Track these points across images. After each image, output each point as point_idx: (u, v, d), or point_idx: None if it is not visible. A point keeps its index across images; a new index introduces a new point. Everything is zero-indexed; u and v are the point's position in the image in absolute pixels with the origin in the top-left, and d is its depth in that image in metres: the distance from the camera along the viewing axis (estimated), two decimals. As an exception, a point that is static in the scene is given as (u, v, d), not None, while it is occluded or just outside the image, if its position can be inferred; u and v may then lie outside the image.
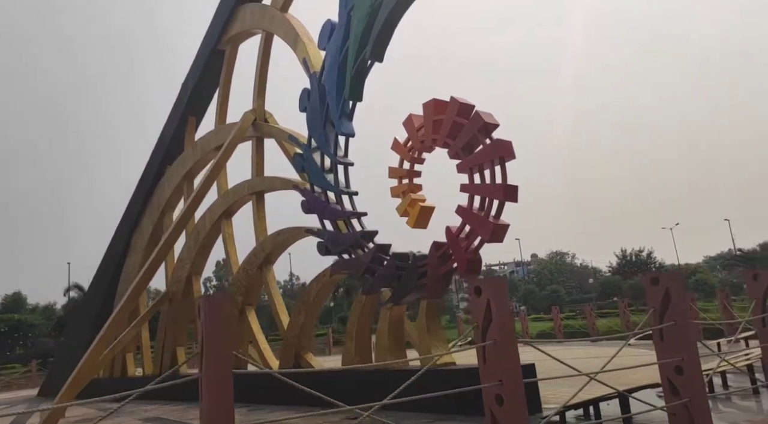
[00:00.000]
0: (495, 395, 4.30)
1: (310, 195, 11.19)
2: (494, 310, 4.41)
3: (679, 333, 5.11)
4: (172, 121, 16.59)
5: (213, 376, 3.29)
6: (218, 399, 3.23)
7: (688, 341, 5.07)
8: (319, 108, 11.14)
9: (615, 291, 60.97)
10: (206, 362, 3.36)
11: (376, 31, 9.90)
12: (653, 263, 65.75)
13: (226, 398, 3.27)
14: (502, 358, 4.34)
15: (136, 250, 17.99)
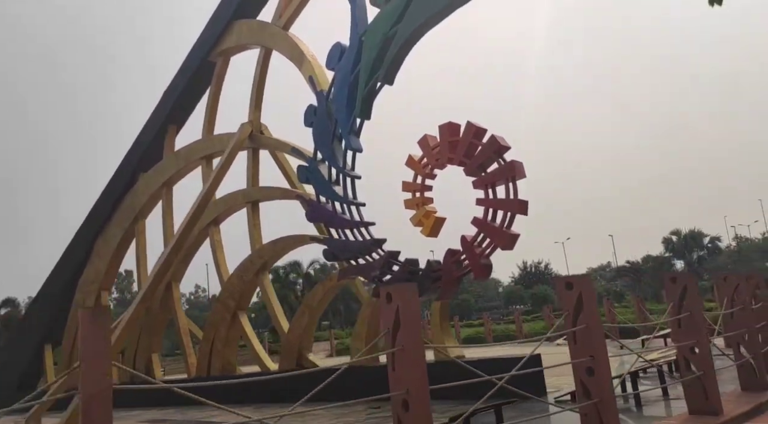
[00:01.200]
0: (402, 401, 4.30)
1: (316, 205, 11.84)
2: (402, 317, 4.40)
3: (590, 335, 5.17)
4: (150, 129, 16.61)
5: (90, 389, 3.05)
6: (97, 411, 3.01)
7: (598, 342, 5.13)
8: (326, 124, 11.83)
9: (518, 299, 64.69)
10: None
11: (390, 58, 10.79)
12: (549, 274, 70.22)
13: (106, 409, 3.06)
14: (409, 364, 4.30)
15: (101, 256, 17.67)
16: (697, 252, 69.60)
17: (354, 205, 11.26)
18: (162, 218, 16.09)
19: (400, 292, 4.56)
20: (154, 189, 16.31)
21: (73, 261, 18.84)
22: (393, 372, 4.40)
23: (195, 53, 15.34)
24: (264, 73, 13.90)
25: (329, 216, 11.68)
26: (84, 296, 17.98)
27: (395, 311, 4.46)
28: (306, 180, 12.20)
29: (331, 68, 12.07)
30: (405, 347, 4.36)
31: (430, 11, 10.42)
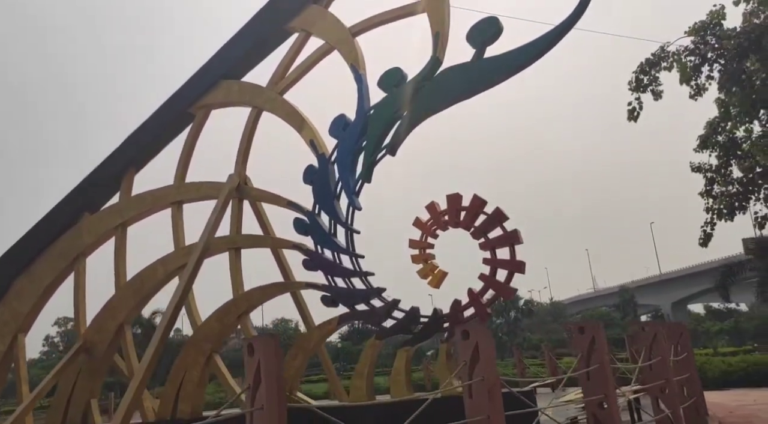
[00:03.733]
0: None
1: (316, 255, 12.69)
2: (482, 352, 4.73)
3: (603, 375, 5.70)
4: (106, 170, 15.91)
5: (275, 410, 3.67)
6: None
7: (609, 380, 5.69)
8: (328, 184, 12.92)
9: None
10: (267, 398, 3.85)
11: (396, 136, 12.43)
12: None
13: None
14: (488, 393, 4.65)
15: (22, 297, 16.05)
16: (513, 312, 78.02)
17: (357, 256, 12.31)
18: (114, 259, 15.37)
19: (478, 330, 4.91)
20: (106, 229, 15.51)
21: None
22: (470, 400, 4.67)
23: (173, 104, 15.41)
24: (253, 131, 14.62)
25: (330, 265, 12.55)
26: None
27: (474, 347, 4.76)
28: (305, 232, 12.95)
29: (333, 135, 13.23)
30: (486, 377, 4.67)
31: (435, 103, 12.31)
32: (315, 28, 14.01)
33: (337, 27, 13.65)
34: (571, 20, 11.31)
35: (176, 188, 15.09)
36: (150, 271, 14.65)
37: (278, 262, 14.67)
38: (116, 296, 14.90)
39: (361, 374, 11.71)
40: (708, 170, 18.44)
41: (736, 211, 17.51)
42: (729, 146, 17.60)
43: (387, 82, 12.66)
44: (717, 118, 17.82)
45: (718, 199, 17.64)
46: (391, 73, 12.65)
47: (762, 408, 13.13)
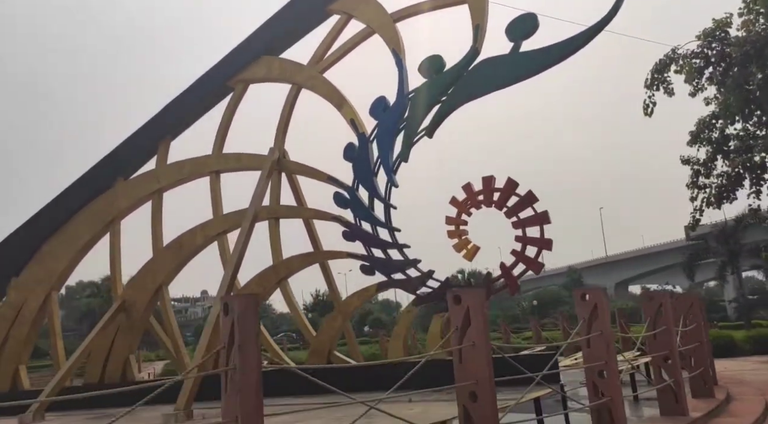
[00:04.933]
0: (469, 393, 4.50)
1: (355, 227, 13.41)
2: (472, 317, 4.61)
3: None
4: (142, 138, 16.20)
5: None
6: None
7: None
8: (368, 161, 13.57)
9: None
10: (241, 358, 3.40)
11: (435, 120, 13.13)
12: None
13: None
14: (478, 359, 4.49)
15: (56, 256, 16.38)
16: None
17: (394, 229, 13.09)
18: (151, 223, 15.83)
19: (470, 295, 4.74)
20: (143, 195, 15.89)
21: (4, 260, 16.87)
22: (460, 365, 4.53)
23: (213, 76, 15.71)
24: (292, 107, 15.08)
25: (368, 237, 13.31)
26: (25, 297, 16.33)
27: (465, 312, 4.61)
28: (344, 206, 13.62)
29: (373, 116, 13.82)
30: (476, 343, 4.52)
31: (474, 91, 13.02)
32: (357, 11, 14.45)
33: (379, 12, 14.14)
34: (605, 20, 12.10)
35: (215, 158, 15.52)
36: (189, 236, 15.18)
37: (309, 233, 15.31)
38: (155, 259, 15.40)
39: (398, 336, 12.64)
40: (695, 164, 19.76)
41: (724, 200, 18.92)
42: (721, 142, 18.86)
43: (427, 69, 13.29)
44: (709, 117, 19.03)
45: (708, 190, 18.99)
46: (431, 61, 13.27)
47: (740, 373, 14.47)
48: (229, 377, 3.33)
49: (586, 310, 5.87)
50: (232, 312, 3.40)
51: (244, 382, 3.25)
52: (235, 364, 3.29)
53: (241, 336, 3.32)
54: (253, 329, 3.42)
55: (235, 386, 3.25)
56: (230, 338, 3.40)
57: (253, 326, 3.44)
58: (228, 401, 3.31)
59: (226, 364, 3.43)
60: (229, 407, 3.29)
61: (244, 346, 3.31)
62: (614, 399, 5.59)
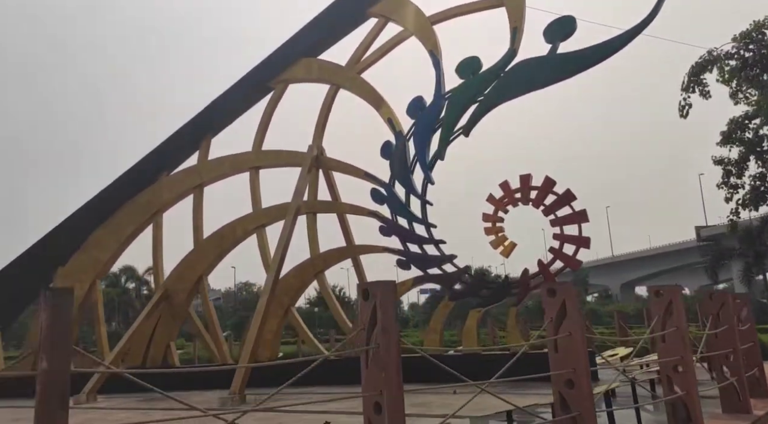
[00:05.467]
0: (566, 380, 4.53)
1: (391, 222, 13.65)
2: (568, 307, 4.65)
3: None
4: (184, 135, 16.69)
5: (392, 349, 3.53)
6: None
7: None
8: (404, 159, 13.79)
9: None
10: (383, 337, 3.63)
11: (472, 119, 13.30)
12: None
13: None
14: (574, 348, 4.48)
15: (102, 246, 16.92)
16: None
17: (430, 225, 13.29)
18: (192, 216, 16.30)
19: (565, 288, 4.85)
20: (185, 189, 16.36)
21: (51, 249, 17.44)
22: (556, 354, 4.62)
23: (254, 77, 16.13)
24: (330, 106, 15.36)
25: (404, 233, 13.53)
26: (71, 284, 16.86)
27: (561, 304, 4.69)
28: (381, 202, 13.86)
29: (410, 115, 14.06)
30: (572, 333, 4.60)
31: (512, 91, 13.18)
32: (396, 14, 14.75)
33: (417, 15, 14.40)
34: (644, 23, 12.20)
35: (255, 154, 15.92)
36: (229, 229, 15.61)
37: (342, 228, 15.61)
38: (196, 250, 15.85)
39: (435, 330, 12.85)
40: (728, 164, 19.68)
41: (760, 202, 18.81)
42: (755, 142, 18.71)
43: (465, 70, 13.50)
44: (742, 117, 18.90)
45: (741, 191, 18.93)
46: (469, 62, 13.48)
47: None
48: (371, 355, 3.64)
49: (660, 307, 5.95)
50: (374, 297, 3.71)
51: (387, 360, 3.56)
52: (377, 343, 3.61)
53: (384, 319, 3.64)
54: (394, 313, 3.77)
55: (379, 364, 3.59)
56: (371, 320, 3.69)
57: (393, 309, 3.78)
58: (369, 376, 3.64)
59: (366, 344, 3.73)
60: (371, 382, 3.63)
61: (387, 327, 3.62)
62: (690, 393, 5.69)
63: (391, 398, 3.53)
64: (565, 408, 4.47)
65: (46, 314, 3.02)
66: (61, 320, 3.00)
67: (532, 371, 4.62)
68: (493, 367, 4.53)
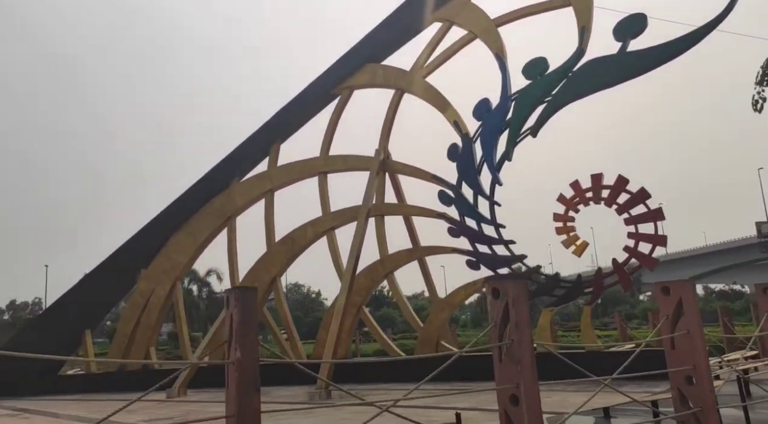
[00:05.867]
0: (686, 377, 4.61)
1: (460, 223, 13.85)
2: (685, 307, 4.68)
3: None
4: (255, 143, 17.39)
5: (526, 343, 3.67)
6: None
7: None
8: (471, 161, 13.96)
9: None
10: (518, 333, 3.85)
11: (540, 119, 13.34)
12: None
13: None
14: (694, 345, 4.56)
15: (180, 249, 17.82)
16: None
17: (500, 226, 13.43)
18: (264, 220, 16.93)
19: (680, 286, 4.83)
20: (256, 194, 17.04)
21: (134, 253, 18.46)
22: (673, 351, 4.62)
23: (319, 84, 16.67)
24: (395, 110, 15.73)
25: (474, 233, 13.72)
26: (153, 286, 17.86)
27: (677, 302, 4.70)
28: (449, 203, 14.10)
29: (476, 117, 14.23)
30: (691, 331, 4.64)
31: (581, 91, 13.15)
32: (460, 18, 14.96)
33: (482, 18, 14.58)
34: (717, 20, 11.98)
35: (323, 160, 16.46)
36: (301, 231, 16.20)
37: (408, 230, 15.95)
38: (269, 253, 16.53)
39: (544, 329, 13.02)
40: None
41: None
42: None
43: (531, 71, 13.58)
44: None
45: None
46: (536, 63, 13.56)
47: None
48: (504, 350, 3.87)
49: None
50: (505, 296, 3.94)
51: (522, 354, 3.78)
52: (512, 339, 3.83)
53: (518, 316, 3.87)
54: (527, 310, 3.98)
55: (514, 358, 3.81)
56: (503, 318, 3.91)
57: (526, 307, 4.00)
58: (503, 370, 3.87)
59: (498, 340, 3.97)
60: (506, 376, 3.85)
61: (521, 324, 3.86)
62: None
63: (528, 390, 3.73)
64: (685, 404, 4.49)
65: (237, 311, 3.49)
66: (249, 315, 3.48)
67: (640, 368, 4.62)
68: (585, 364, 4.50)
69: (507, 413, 3.87)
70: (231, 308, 3.47)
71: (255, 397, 3.35)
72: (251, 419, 3.24)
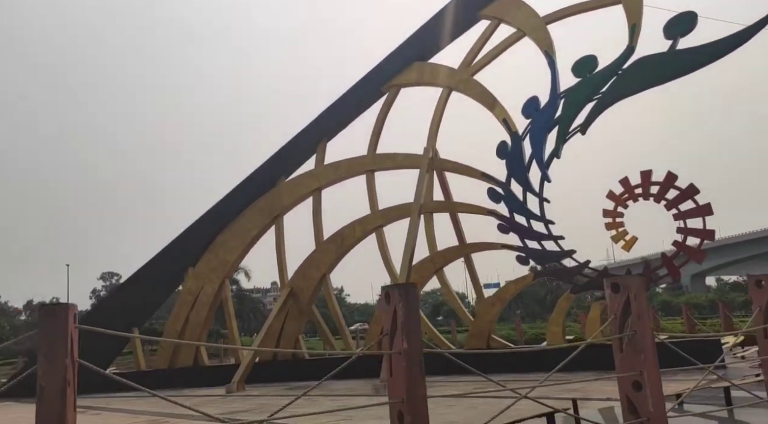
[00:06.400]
0: None
1: (510, 220, 14.55)
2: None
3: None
4: (303, 140, 18.18)
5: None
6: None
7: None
8: (521, 159, 14.61)
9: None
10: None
11: (590, 116, 13.92)
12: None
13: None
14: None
15: (229, 247, 18.70)
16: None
17: (548, 222, 14.10)
18: (313, 218, 17.78)
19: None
20: (304, 193, 17.88)
21: (182, 251, 19.37)
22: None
23: (368, 83, 17.43)
24: (442, 109, 16.42)
25: (523, 229, 14.42)
26: (202, 284, 18.77)
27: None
28: (498, 200, 14.80)
29: (525, 115, 14.86)
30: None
31: (630, 88, 13.74)
32: (509, 16, 15.62)
33: (531, 16, 15.22)
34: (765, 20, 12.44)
35: (371, 158, 17.27)
36: (349, 229, 17.05)
37: (455, 227, 16.72)
38: (318, 250, 17.41)
39: (557, 322, 13.73)
40: None
41: None
42: None
43: (581, 69, 14.22)
44: None
45: None
46: (585, 61, 14.19)
47: None
48: (626, 341, 4.38)
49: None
50: (626, 290, 4.49)
51: (644, 343, 4.30)
52: (634, 330, 4.38)
53: (639, 308, 4.42)
54: (647, 303, 4.52)
55: (636, 347, 4.35)
56: (623, 310, 4.43)
57: (645, 300, 4.51)
58: (625, 358, 4.38)
59: (619, 332, 4.46)
60: (627, 364, 4.36)
61: (642, 316, 4.42)
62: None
63: (651, 376, 4.27)
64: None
65: (402, 305, 4.15)
66: (414, 309, 4.18)
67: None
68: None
69: (629, 398, 4.44)
70: (394, 303, 3.97)
71: (422, 383, 3.99)
72: (420, 404, 3.76)
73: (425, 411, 3.77)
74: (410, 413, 3.70)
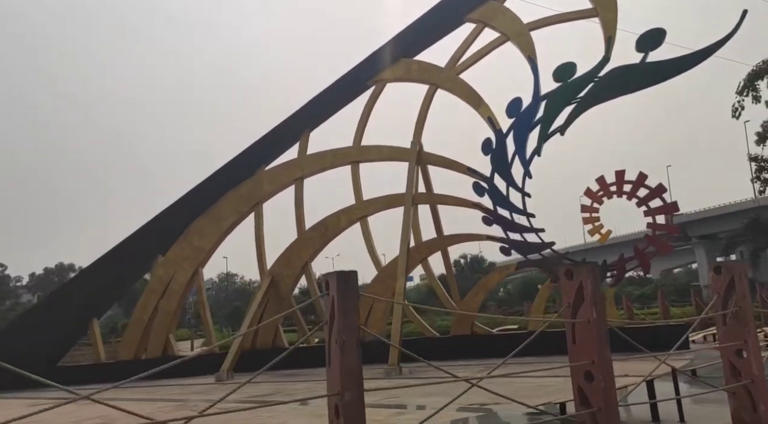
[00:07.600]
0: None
1: (494, 213, 16.54)
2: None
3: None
4: (285, 130, 19.45)
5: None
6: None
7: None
8: (505, 155, 16.62)
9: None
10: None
11: (569, 119, 16.11)
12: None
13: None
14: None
15: (203, 235, 19.66)
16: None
17: (530, 215, 16.16)
18: (294, 207, 19.16)
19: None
20: (286, 181, 19.13)
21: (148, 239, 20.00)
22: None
23: (353, 76, 18.96)
24: (428, 104, 18.33)
25: (506, 222, 16.42)
26: (173, 272, 19.56)
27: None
28: (482, 194, 16.72)
29: (509, 115, 16.87)
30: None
31: (606, 94, 16.03)
32: (494, 21, 17.70)
33: (515, 22, 17.37)
34: (724, 40, 15.15)
35: (357, 149, 18.86)
36: (334, 219, 18.57)
37: (434, 219, 18.50)
38: (300, 239, 18.73)
39: (539, 309, 15.74)
40: (761, 161, 23.85)
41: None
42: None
43: (562, 75, 16.46)
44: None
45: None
46: (565, 67, 16.46)
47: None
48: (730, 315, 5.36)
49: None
50: (730, 272, 5.53)
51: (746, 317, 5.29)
52: (739, 306, 5.33)
53: (743, 289, 5.39)
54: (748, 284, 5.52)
55: (741, 321, 5.31)
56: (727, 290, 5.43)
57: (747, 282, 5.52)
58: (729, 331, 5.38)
59: (723, 309, 5.33)
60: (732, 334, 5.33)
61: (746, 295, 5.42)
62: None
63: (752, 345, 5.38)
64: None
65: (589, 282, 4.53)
66: (597, 285, 4.62)
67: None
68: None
69: (732, 364, 5.52)
70: (580, 279, 4.55)
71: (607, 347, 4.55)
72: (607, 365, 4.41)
73: (612, 371, 4.43)
74: (600, 372, 4.35)
